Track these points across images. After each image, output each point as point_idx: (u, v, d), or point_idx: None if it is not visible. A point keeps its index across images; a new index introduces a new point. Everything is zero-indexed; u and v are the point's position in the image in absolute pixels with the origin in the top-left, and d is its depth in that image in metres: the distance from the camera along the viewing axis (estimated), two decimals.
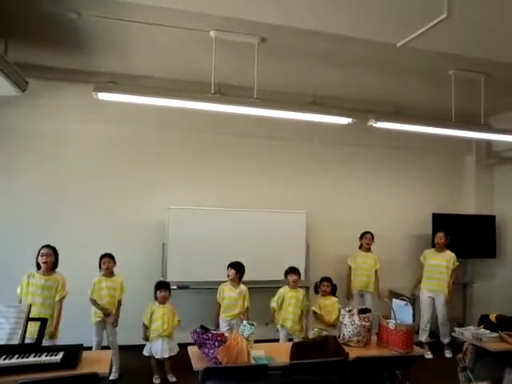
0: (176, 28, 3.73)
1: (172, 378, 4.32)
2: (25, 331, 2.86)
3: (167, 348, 4.20)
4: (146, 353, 4.27)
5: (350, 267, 5.55)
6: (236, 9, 2.92)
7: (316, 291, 4.71)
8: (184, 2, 2.90)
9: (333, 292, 4.63)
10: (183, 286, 5.09)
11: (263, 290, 5.00)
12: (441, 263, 5.29)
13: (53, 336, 3.78)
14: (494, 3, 2.56)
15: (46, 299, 3.79)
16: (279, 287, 4.66)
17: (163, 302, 4.31)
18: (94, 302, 4.28)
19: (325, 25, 3.03)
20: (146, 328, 4.26)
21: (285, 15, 2.91)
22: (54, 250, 3.88)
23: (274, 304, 4.52)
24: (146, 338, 4.27)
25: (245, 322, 3.16)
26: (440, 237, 5.35)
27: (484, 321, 3.83)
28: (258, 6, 2.82)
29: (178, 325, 4.33)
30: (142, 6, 3.26)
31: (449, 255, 5.32)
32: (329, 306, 4.46)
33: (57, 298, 3.85)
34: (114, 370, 4.30)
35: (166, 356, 4.21)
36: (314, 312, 4.50)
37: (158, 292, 4.33)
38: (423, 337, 5.33)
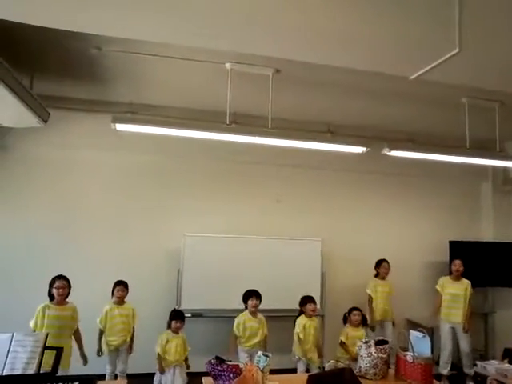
0: (192, 61, 3.86)
1: None
2: (41, 360, 2.87)
3: (179, 378, 4.15)
4: (155, 383, 4.22)
5: (370, 296, 5.39)
6: (249, 46, 3.01)
7: (344, 322, 4.60)
8: (199, 41, 3.00)
9: (363, 322, 4.54)
10: (197, 314, 5.07)
11: (278, 319, 4.95)
12: (460, 292, 5.20)
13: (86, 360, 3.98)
14: (505, 36, 2.60)
15: (64, 329, 3.81)
16: (294, 316, 4.60)
17: (177, 331, 4.29)
18: (100, 334, 4.28)
19: (338, 60, 3.10)
20: (162, 359, 4.18)
21: (298, 52, 2.99)
22: (67, 280, 3.92)
23: (301, 335, 4.37)
24: (163, 370, 4.17)
25: (260, 353, 3.11)
26: (459, 264, 5.25)
27: (508, 354, 3.73)
28: (272, 42, 2.90)
29: (186, 356, 4.27)
30: (160, 43, 3.38)
31: (466, 283, 5.24)
32: (356, 337, 4.27)
33: (76, 326, 3.93)
34: None
35: None
36: (342, 342, 4.40)
37: (173, 322, 4.30)
38: (445, 370, 5.16)
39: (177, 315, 4.37)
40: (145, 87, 4.73)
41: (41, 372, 2.81)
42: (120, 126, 3.96)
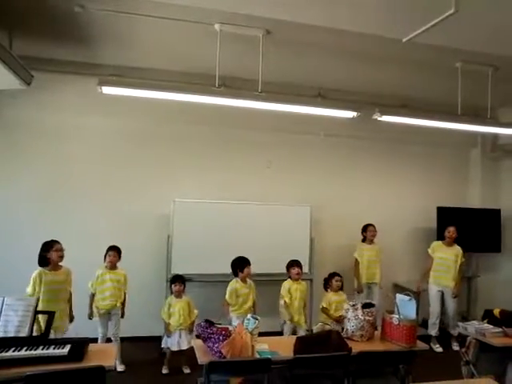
0: (181, 21, 3.71)
1: (186, 370, 4.36)
2: (33, 324, 2.90)
3: (185, 340, 4.24)
4: (163, 345, 4.34)
5: (356, 261, 5.50)
6: (239, 5, 2.90)
7: (325, 287, 4.63)
8: None
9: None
10: (187, 279, 5.11)
11: (267, 283, 5.02)
12: (450, 257, 5.32)
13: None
14: None
15: (60, 293, 3.83)
16: (282, 280, 4.67)
17: (179, 295, 4.37)
18: (91, 298, 4.31)
19: (329, 21, 3.00)
20: (167, 324, 4.30)
21: (290, 11, 2.89)
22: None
23: (286, 299, 4.45)
24: (169, 333, 4.30)
25: (249, 316, 3.19)
26: (453, 231, 5.34)
27: (488, 315, 3.84)
28: (262, 1, 2.79)
29: (195, 318, 4.34)
30: (146, 1, 3.24)
31: (457, 249, 5.36)
32: (338, 302, 4.37)
33: (71, 290, 3.94)
34: (117, 362, 4.33)
35: (184, 348, 4.24)
36: (323, 307, 4.44)
37: (172, 286, 4.38)
38: (433, 331, 5.33)
39: (175, 278, 4.45)
40: (132, 49, 4.57)
41: (33, 335, 2.86)
42: (106, 89, 3.84)
